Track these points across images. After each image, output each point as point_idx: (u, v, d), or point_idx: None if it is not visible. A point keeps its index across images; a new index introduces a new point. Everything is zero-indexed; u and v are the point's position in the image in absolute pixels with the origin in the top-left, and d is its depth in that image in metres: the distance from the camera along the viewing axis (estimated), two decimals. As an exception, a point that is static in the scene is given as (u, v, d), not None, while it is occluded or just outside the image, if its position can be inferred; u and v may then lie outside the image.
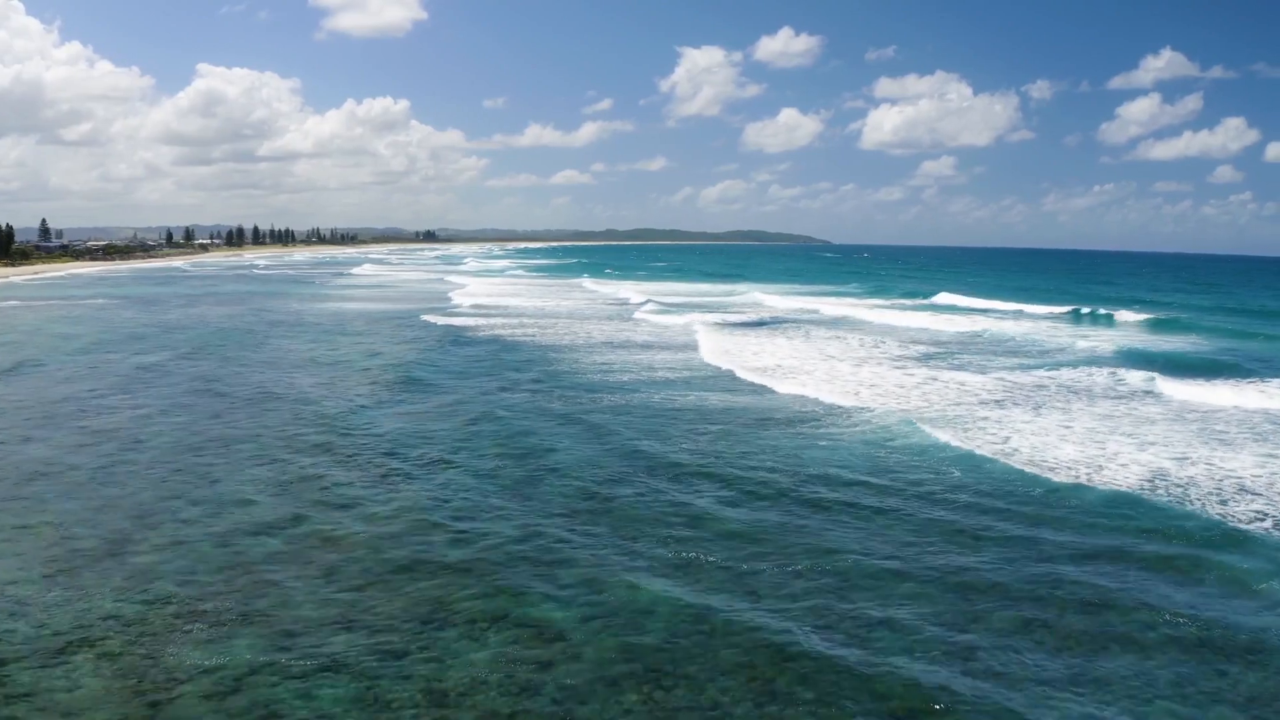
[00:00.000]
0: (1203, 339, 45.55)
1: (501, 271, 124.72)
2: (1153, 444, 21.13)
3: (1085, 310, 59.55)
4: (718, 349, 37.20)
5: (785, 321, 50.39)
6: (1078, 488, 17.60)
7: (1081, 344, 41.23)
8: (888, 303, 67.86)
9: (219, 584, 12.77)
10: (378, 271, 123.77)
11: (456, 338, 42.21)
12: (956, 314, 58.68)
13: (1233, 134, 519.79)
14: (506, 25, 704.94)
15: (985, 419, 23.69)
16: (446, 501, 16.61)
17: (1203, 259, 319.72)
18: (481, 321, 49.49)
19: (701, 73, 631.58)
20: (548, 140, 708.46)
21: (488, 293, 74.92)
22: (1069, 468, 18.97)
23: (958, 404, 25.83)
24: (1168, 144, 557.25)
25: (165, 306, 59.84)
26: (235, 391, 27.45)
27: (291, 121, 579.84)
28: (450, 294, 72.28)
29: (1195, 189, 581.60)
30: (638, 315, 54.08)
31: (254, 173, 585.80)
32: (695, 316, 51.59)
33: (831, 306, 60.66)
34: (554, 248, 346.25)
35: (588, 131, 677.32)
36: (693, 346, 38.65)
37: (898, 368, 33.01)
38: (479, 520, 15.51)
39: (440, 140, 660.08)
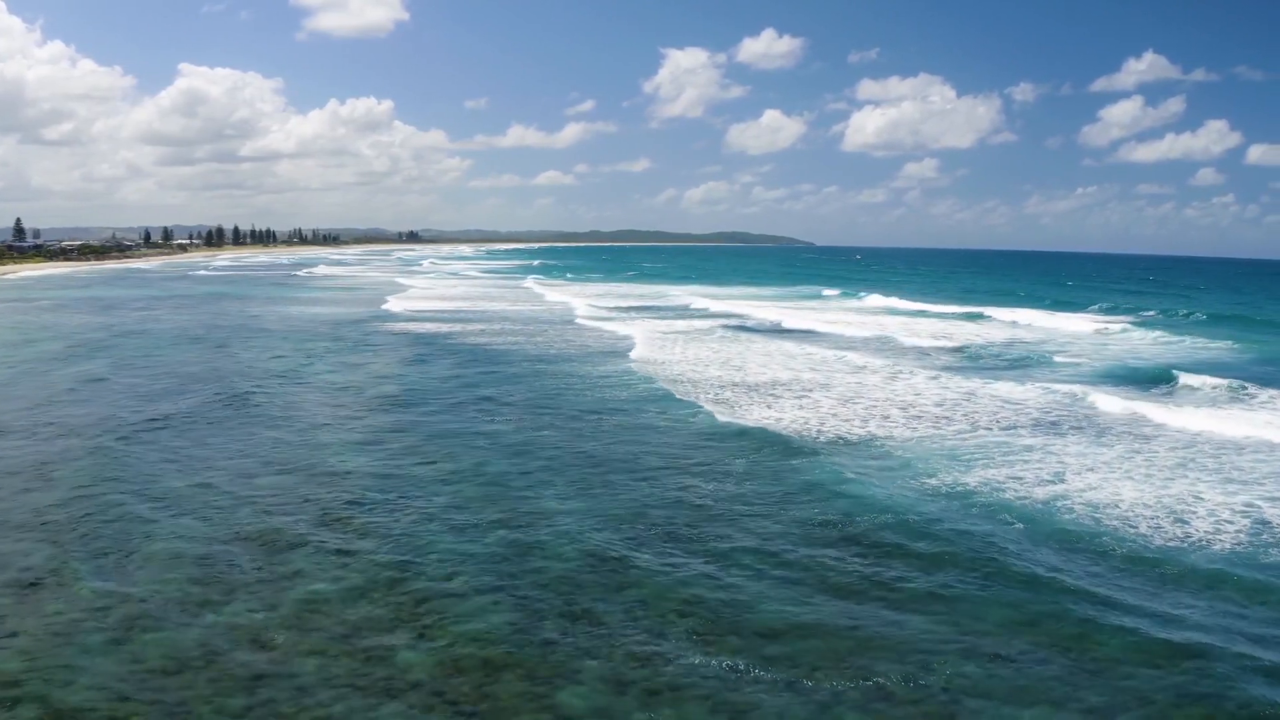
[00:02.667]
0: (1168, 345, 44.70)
1: (455, 274, 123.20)
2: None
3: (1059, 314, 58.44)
4: (648, 356, 36.69)
5: (721, 328, 49.46)
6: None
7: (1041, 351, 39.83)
8: (822, 305, 67.43)
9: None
10: (330, 273, 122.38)
11: (369, 344, 41.16)
12: (893, 316, 58.13)
13: (1215, 137, 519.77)
14: (489, 26, 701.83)
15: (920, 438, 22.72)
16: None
17: (1184, 261, 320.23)
18: (408, 326, 48.92)
19: (684, 74, 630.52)
20: (530, 141, 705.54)
21: (428, 295, 73.94)
22: (989, 491, 17.87)
23: (913, 432, 23.52)
24: (1150, 146, 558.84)
25: (93, 307, 58.47)
26: (74, 420, 26.12)
27: (274, 122, 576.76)
28: (389, 297, 71.10)
29: (1177, 191, 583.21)
30: (574, 319, 53.62)
31: (236, 173, 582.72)
32: (635, 321, 51.44)
33: (765, 310, 59.95)
34: (531, 249, 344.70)
35: (571, 133, 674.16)
36: (623, 353, 37.74)
37: (818, 370, 32.34)
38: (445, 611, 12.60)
39: (423, 141, 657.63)
